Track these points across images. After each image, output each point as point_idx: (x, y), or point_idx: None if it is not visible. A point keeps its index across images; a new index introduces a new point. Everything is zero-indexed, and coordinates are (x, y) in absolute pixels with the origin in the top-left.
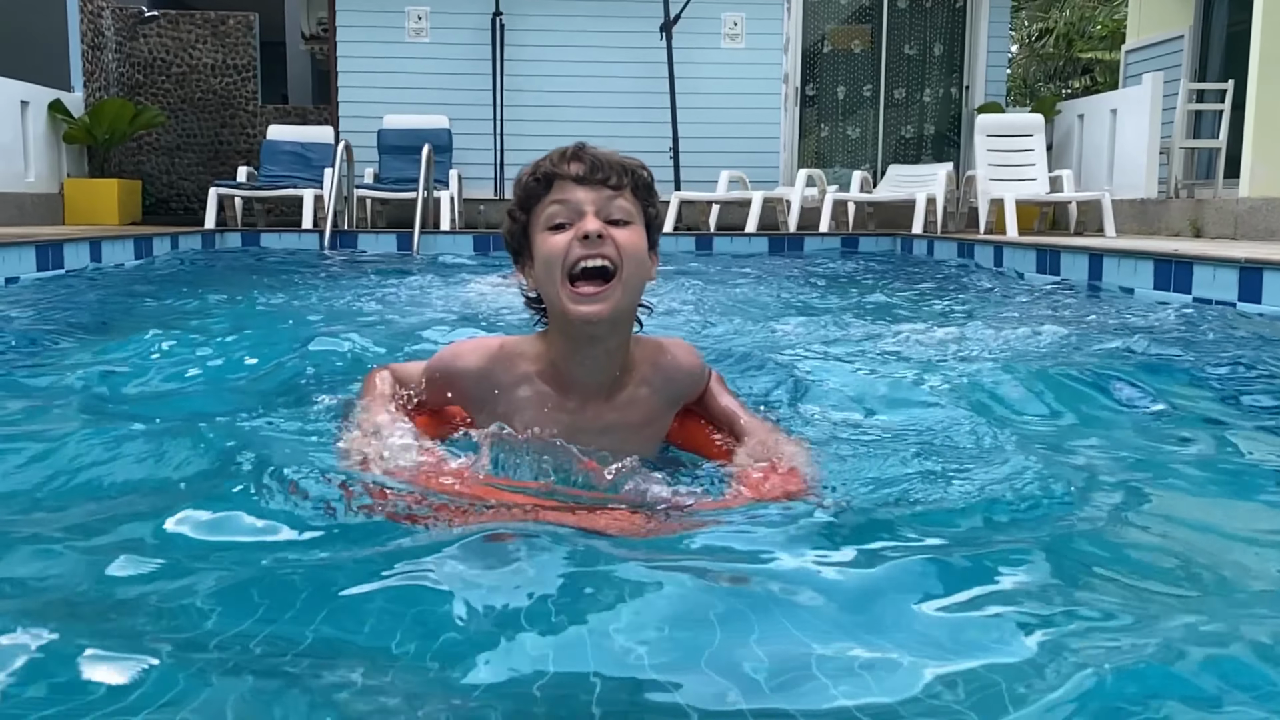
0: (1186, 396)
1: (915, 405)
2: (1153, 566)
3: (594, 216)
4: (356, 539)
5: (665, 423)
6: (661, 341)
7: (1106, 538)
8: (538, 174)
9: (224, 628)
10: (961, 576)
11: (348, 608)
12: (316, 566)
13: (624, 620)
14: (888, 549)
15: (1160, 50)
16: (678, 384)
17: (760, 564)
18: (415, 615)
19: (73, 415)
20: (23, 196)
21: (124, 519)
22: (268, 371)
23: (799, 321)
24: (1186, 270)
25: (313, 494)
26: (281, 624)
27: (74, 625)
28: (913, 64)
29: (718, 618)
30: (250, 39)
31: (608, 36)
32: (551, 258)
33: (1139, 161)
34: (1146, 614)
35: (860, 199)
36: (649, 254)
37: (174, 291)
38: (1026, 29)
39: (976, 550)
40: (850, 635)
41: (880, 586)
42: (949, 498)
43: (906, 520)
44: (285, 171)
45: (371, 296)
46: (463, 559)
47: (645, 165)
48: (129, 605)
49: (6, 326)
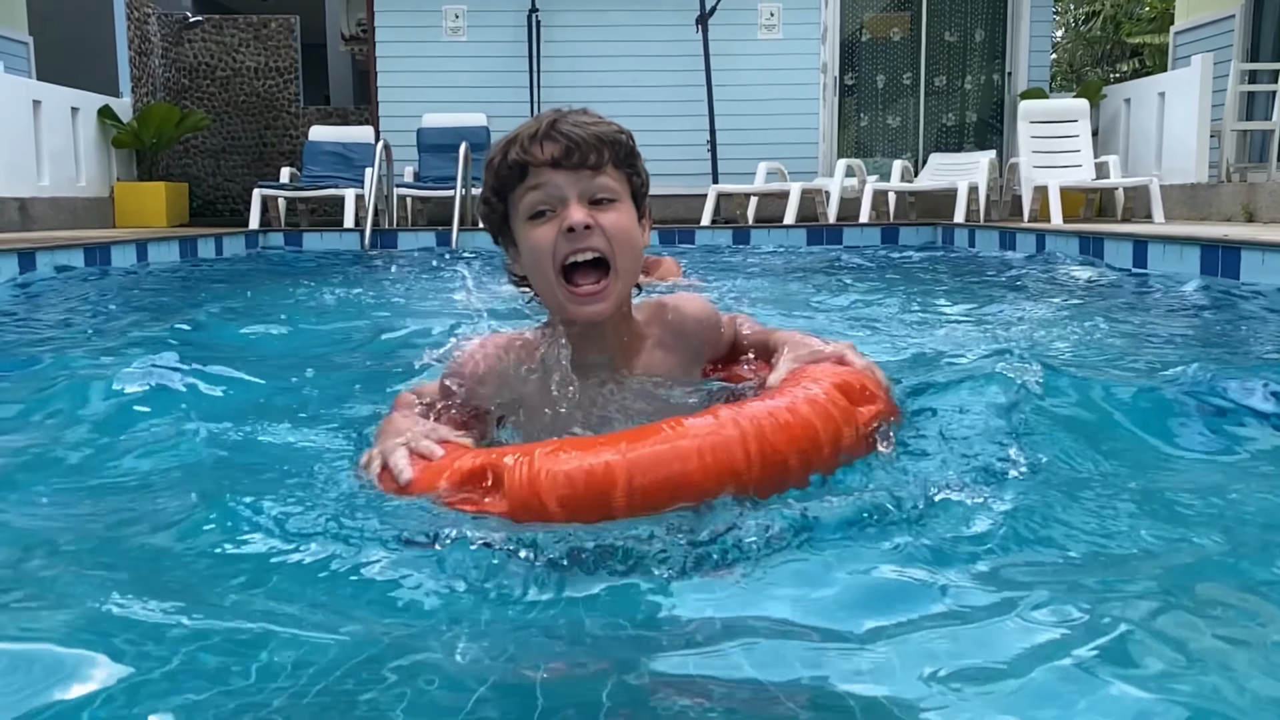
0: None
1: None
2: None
3: (578, 204)
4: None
5: (693, 380)
6: (662, 299)
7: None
8: (510, 160)
9: (236, 628)
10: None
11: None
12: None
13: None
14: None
15: (1210, 31)
16: (691, 335)
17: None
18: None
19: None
20: (75, 201)
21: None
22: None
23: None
24: (1234, 256)
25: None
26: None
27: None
28: (953, 50)
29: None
30: (292, 41)
31: (643, 31)
32: (539, 253)
33: (1188, 145)
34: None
35: (901, 188)
36: (639, 225)
37: (214, 293)
38: (1073, 12)
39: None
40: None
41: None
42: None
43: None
44: (327, 172)
45: (409, 293)
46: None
47: (624, 129)
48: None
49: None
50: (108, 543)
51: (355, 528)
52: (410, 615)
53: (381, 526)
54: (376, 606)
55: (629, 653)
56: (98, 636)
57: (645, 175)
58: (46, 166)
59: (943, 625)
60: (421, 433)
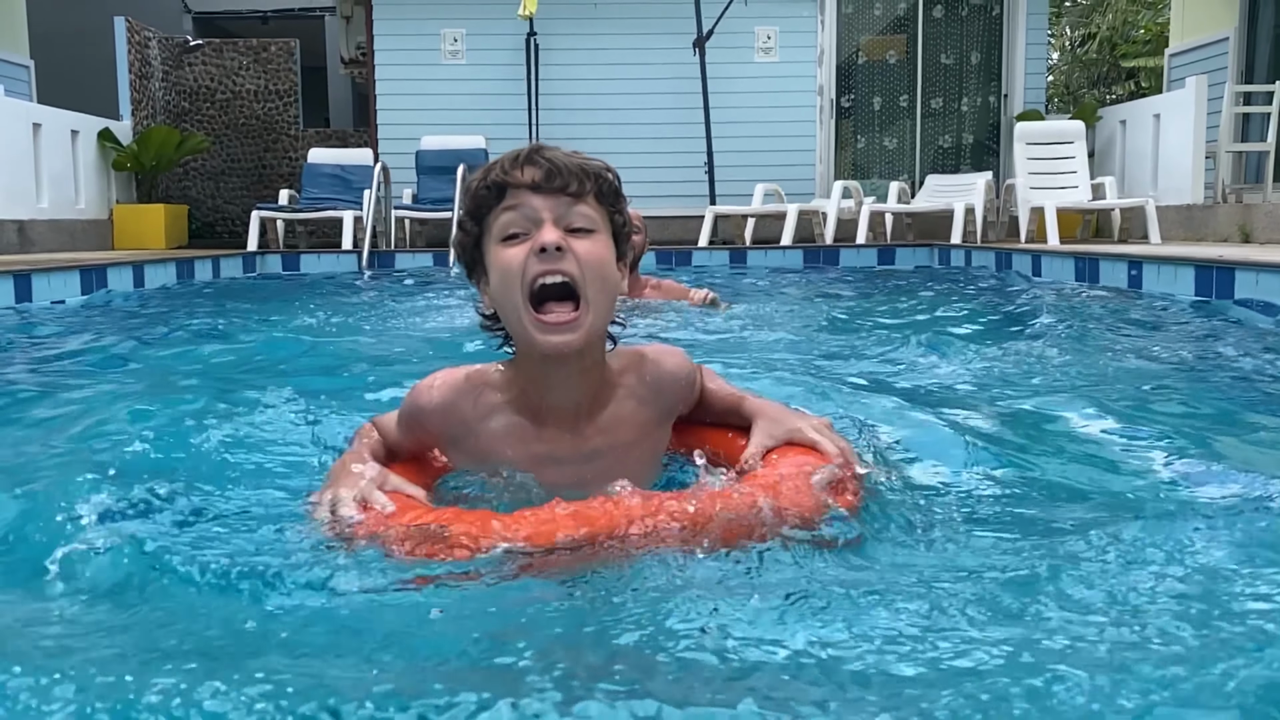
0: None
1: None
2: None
3: (552, 226)
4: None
5: (661, 438)
6: (641, 350)
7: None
8: (488, 181)
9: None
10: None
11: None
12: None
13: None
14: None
15: (1205, 53)
16: (668, 392)
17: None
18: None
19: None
20: (74, 223)
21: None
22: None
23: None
24: (1229, 276)
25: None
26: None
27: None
28: (949, 73)
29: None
30: (291, 65)
31: (641, 54)
32: (507, 274)
33: (1184, 166)
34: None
35: (897, 209)
36: (618, 265)
37: (210, 313)
38: (1068, 35)
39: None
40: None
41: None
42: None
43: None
44: (326, 194)
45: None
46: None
47: (611, 167)
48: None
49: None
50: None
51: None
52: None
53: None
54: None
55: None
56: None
57: (628, 219)
58: (46, 189)
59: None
60: (372, 481)
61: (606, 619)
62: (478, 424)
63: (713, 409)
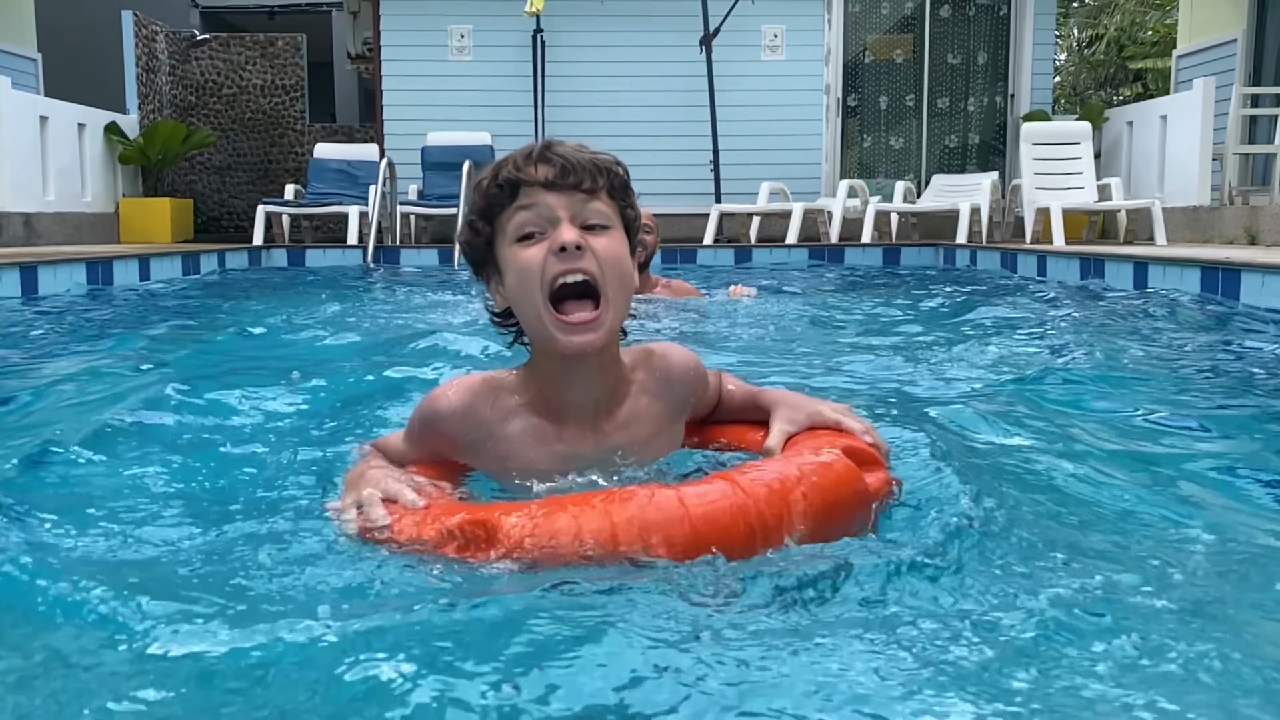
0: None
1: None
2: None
3: (569, 224)
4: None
5: (676, 434)
6: (649, 346)
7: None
8: (500, 179)
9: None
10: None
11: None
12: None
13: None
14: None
15: (1212, 55)
16: (677, 385)
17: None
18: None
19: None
20: (80, 216)
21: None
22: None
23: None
24: (1234, 277)
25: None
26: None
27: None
28: (956, 73)
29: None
30: (298, 60)
31: (648, 51)
32: (526, 274)
33: (1190, 168)
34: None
35: (903, 209)
36: (631, 259)
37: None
38: (1076, 36)
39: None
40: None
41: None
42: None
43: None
44: (331, 189)
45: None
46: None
47: (620, 161)
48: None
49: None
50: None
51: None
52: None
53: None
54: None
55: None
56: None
57: (639, 212)
58: (53, 182)
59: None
60: (397, 479)
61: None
62: (496, 427)
63: (732, 407)
